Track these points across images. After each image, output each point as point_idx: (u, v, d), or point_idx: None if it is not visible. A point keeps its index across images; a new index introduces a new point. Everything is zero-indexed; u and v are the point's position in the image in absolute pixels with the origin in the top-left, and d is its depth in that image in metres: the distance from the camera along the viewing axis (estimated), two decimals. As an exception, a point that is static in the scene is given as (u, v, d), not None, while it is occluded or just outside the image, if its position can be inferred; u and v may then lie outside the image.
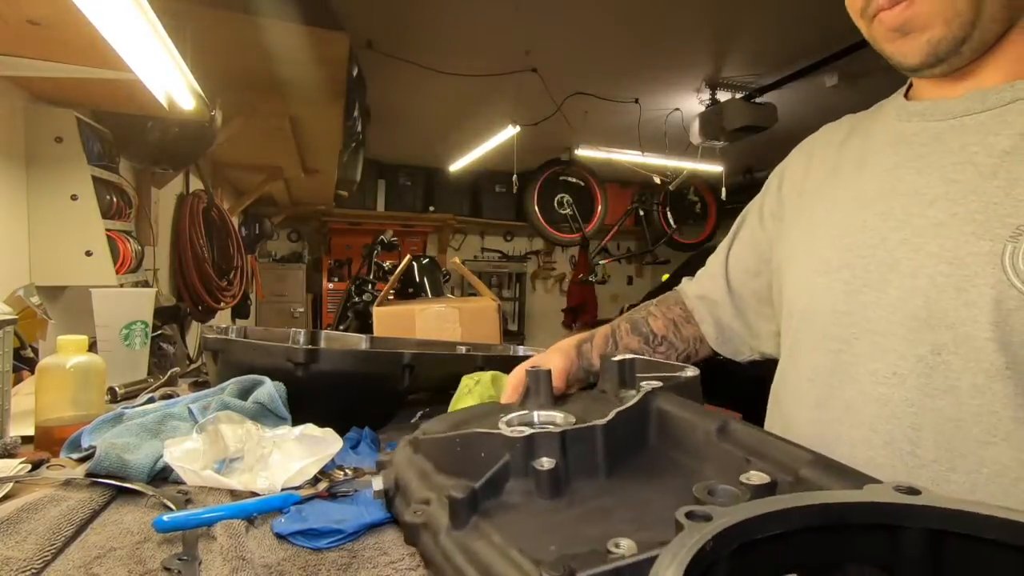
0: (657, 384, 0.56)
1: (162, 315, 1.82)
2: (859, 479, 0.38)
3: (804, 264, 0.76)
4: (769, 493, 0.38)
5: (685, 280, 1.01)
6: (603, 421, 0.48)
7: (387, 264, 4.58)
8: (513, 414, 0.57)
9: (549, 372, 0.59)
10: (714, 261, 0.95)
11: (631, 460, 0.50)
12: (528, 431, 0.47)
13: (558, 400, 0.57)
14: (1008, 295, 0.55)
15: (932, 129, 0.66)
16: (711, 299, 0.93)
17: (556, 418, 0.53)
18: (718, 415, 0.51)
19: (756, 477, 0.40)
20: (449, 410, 0.87)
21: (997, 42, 0.61)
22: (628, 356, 0.62)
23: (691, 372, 0.62)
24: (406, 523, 0.47)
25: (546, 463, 0.45)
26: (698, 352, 0.96)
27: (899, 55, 0.63)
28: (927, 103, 0.67)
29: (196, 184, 3.16)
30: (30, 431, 0.81)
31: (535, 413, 0.55)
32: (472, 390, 0.87)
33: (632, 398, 0.53)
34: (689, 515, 0.31)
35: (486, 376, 0.89)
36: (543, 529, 0.40)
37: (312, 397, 0.84)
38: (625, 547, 0.35)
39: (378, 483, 0.56)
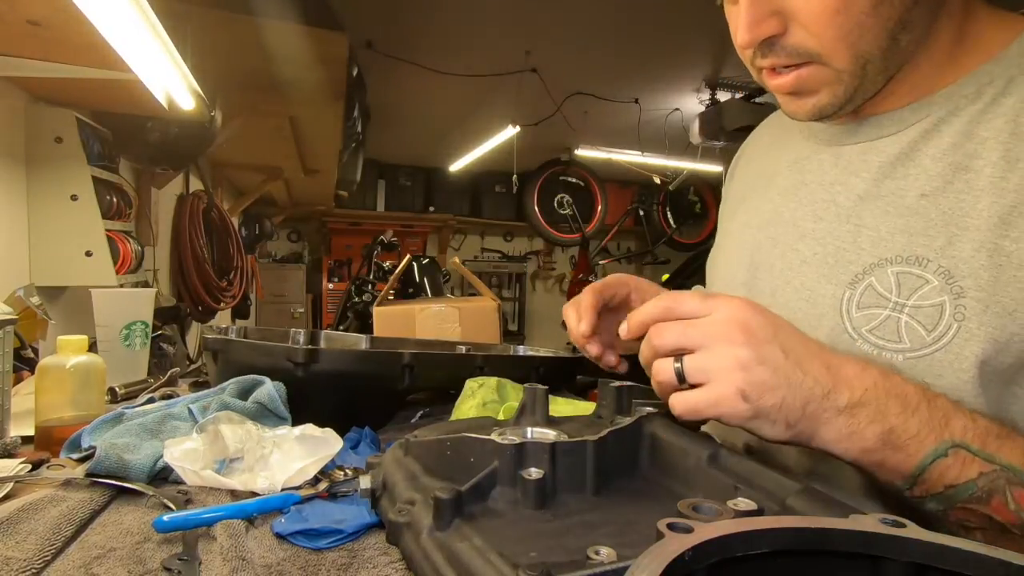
0: (653, 410, 0.56)
1: (162, 315, 1.82)
2: (845, 510, 0.38)
3: (720, 274, 0.80)
4: (754, 519, 0.38)
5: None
6: (594, 437, 0.49)
7: (387, 264, 4.58)
8: (507, 428, 0.57)
9: (546, 390, 0.60)
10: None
11: (620, 480, 0.51)
12: (519, 440, 0.47)
13: (553, 421, 0.58)
14: (840, 339, 0.59)
15: (817, 155, 0.69)
16: None
17: (549, 435, 0.53)
18: (711, 443, 0.51)
19: (743, 504, 0.40)
20: (453, 412, 0.87)
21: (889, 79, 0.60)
22: (627, 383, 0.63)
23: None
24: (390, 522, 0.48)
25: (534, 473, 0.45)
26: None
27: (787, 110, 0.63)
28: (821, 124, 0.69)
29: (196, 184, 3.17)
30: (30, 431, 0.81)
31: (528, 429, 0.56)
32: (476, 392, 0.86)
33: (626, 422, 0.54)
34: (671, 526, 0.31)
35: (491, 380, 0.89)
36: (525, 537, 0.41)
37: (312, 397, 0.84)
38: (605, 555, 0.35)
39: (365, 482, 0.56)
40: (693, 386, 0.50)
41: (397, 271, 2.26)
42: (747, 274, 0.72)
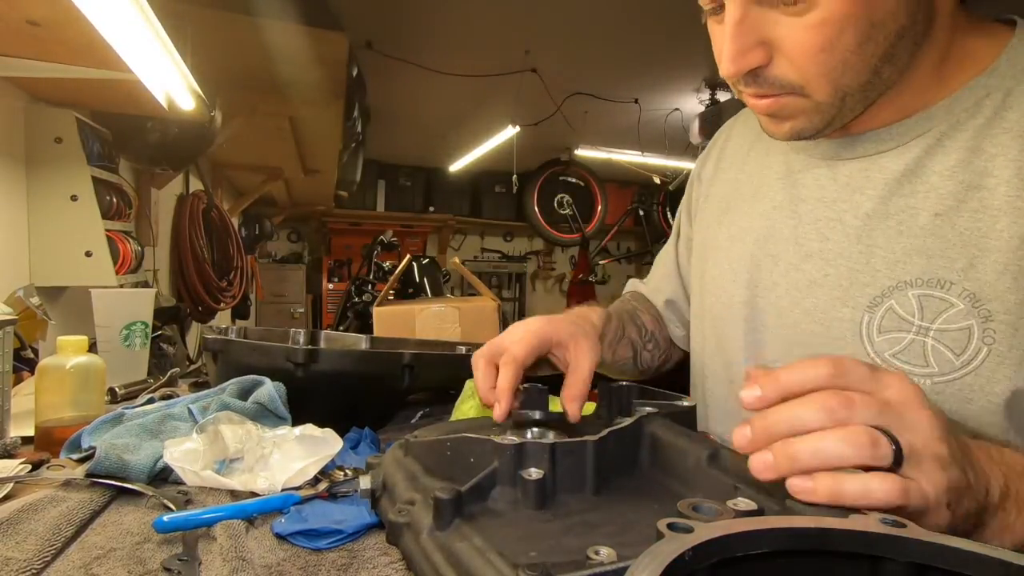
0: (653, 410, 0.56)
1: (162, 316, 1.82)
2: (845, 510, 0.39)
3: (714, 291, 0.78)
4: (755, 519, 0.38)
5: (638, 283, 1.01)
6: (595, 437, 0.49)
7: (387, 264, 4.58)
8: (507, 428, 0.57)
9: (546, 388, 0.59)
10: (666, 260, 0.95)
11: (620, 480, 0.51)
12: (518, 440, 0.48)
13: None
14: None
15: (813, 169, 0.68)
16: (675, 302, 0.93)
17: (549, 435, 0.53)
18: (710, 442, 0.51)
19: (743, 503, 0.40)
20: (453, 412, 0.87)
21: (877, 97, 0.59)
22: (626, 383, 0.63)
23: (687, 403, 0.63)
24: (390, 522, 0.48)
25: (534, 473, 0.45)
26: (671, 357, 0.96)
27: (766, 129, 0.63)
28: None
29: (196, 184, 3.16)
30: (30, 431, 0.81)
31: (528, 429, 0.56)
32: (476, 392, 0.86)
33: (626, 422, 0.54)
34: (671, 526, 0.31)
35: None
36: (525, 537, 0.41)
37: (312, 397, 0.84)
38: (605, 555, 0.35)
39: (365, 482, 0.56)
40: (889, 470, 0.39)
41: (397, 271, 2.26)
42: (747, 293, 0.71)
